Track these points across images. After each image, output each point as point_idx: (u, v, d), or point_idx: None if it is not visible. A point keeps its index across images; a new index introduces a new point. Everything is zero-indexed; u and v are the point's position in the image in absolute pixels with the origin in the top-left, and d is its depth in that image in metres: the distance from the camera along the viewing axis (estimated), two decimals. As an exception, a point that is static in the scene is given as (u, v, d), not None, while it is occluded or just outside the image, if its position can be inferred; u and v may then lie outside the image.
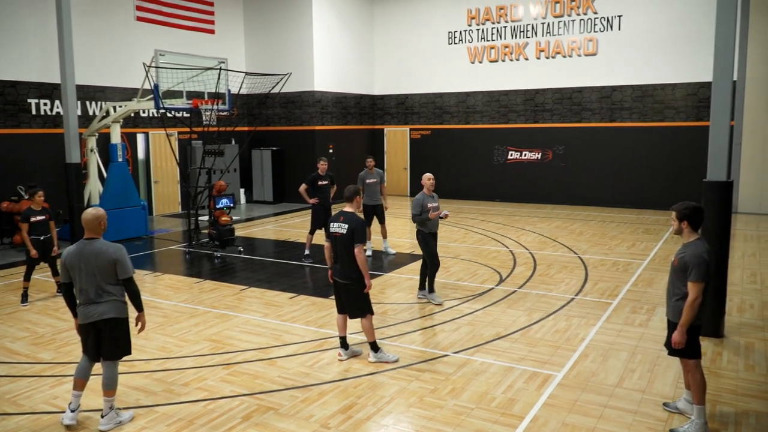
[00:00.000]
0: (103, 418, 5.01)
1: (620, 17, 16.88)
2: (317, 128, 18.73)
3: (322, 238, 11.65)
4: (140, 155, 16.42)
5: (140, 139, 16.38)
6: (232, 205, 11.80)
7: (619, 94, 17.14)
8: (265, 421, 5.12)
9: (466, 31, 19.16)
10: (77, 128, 12.42)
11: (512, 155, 18.81)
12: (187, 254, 11.87)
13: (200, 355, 6.62)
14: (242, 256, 11.58)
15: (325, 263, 10.87)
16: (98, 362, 5.11)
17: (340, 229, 6.16)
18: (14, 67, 13.29)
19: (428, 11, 19.69)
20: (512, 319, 7.66)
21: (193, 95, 12.46)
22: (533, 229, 13.99)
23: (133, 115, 15.64)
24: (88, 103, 14.94)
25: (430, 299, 8.38)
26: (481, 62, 19.05)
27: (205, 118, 12.08)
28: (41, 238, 8.61)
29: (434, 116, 20.09)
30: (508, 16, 18.48)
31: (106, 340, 4.99)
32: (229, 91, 12.88)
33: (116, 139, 13.17)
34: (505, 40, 18.59)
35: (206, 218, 13.25)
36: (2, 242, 12.59)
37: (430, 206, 8.14)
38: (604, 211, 16.71)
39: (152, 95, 11.85)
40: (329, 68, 18.97)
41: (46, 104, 13.94)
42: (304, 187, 10.80)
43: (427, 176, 8.48)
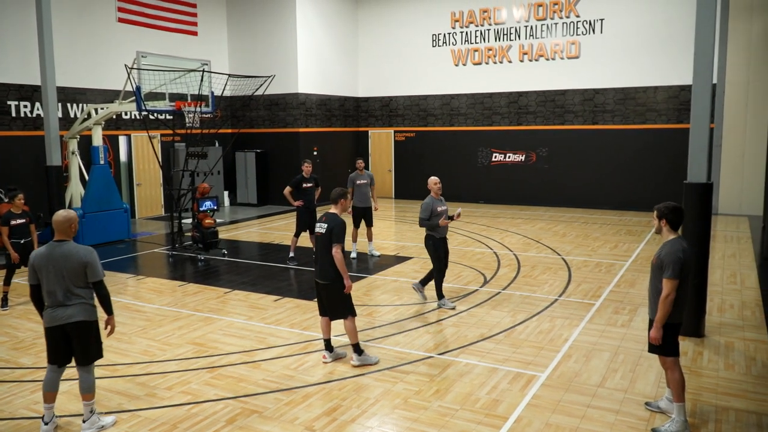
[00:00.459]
0: (84, 422, 4.95)
1: (602, 21, 17.06)
2: (301, 130, 18.69)
3: (307, 240, 11.64)
4: (122, 158, 16.27)
5: (122, 141, 16.23)
6: (215, 207, 11.73)
7: (601, 96, 17.31)
8: (249, 424, 5.09)
9: (450, 33, 19.25)
10: (58, 130, 12.28)
11: (496, 157, 18.91)
12: (170, 257, 11.78)
13: (184, 358, 6.57)
14: (226, 258, 11.52)
15: (310, 266, 10.88)
16: (67, 365, 5.01)
17: (320, 229, 6.16)
18: (-7, 68, 13.13)
19: (412, 14, 19.75)
20: (496, 320, 7.70)
21: (175, 97, 12.38)
22: (517, 230, 14.07)
23: (115, 117, 15.51)
24: (69, 105, 14.78)
25: (440, 305, 8.19)
26: (465, 65, 19.14)
27: (188, 120, 12.00)
28: (21, 241, 8.51)
29: (418, 118, 20.14)
30: (491, 18, 18.59)
31: (75, 344, 4.90)
32: (212, 93, 12.81)
33: (98, 141, 13.04)
34: (488, 42, 18.69)
35: (189, 221, 13.16)
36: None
37: (439, 210, 8.05)
38: (587, 212, 16.85)
39: (134, 97, 11.76)
40: (313, 70, 18.95)
41: (26, 106, 13.77)
42: (288, 189, 10.77)
43: (433, 180, 8.31)
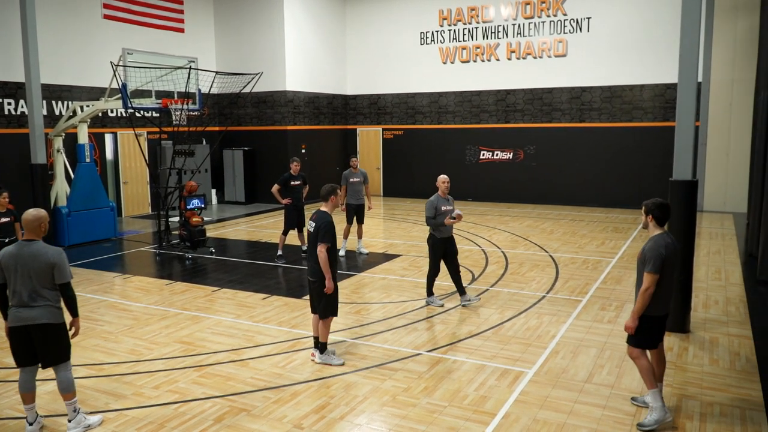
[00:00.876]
0: (70, 422, 4.91)
1: (589, 19, 17.14)
2: (289, 128, 18.64)
3: (295, 238, 11.63)
4: (108, 156, 16.14)
5: (108, 139, 16.10)
6: (203, 205, 11.67)
7: (588, 94, 17.41)
8: (237, 422, 5.08)
9: (438, 31, 19.26)
10: (43, 128, 12.16)
11: (484, 155, 18.96)
12: (157, 256, 11.71)
13: (171, 357, 6.54)
14: (214, 257, 11.47)
15: (297, 264, 10.87)
16: (33, 366, 4.92)
17: (310, 227, 6.20)
18: (-24, 65, 12.97)
19: (400, 11, 19.74)
20: (484, 317, 7.73)
21: (162, 95, 12.29)
22: (505, 228, 14.13)
23: (100, 114, 15.37)
24: (54, 102, 14.63)
25: (428, 302, 8.19)
26: (453, 63, 19.16)
27: (174, 117, 11.93)
28: (6, 240, 8.41)
29: (407, 116, 20.15)
30: (479, 17, 18.63)
31: (39, 346, 4.80)
32: (199, 90, 12.73)
33: (83, 139, 12.93)
34: (476, 40, 18.73)
35: (177, 219, 13.08)
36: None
37: (444, 209, 7.87)
38: (574, 210, 16.95)
39: (120, 95, 11.66)
40: (301, 68, 18.89)
41: (10, 104, 13.62)
42: (276, 187, 10.75)
43: (441, 178, 8.07)
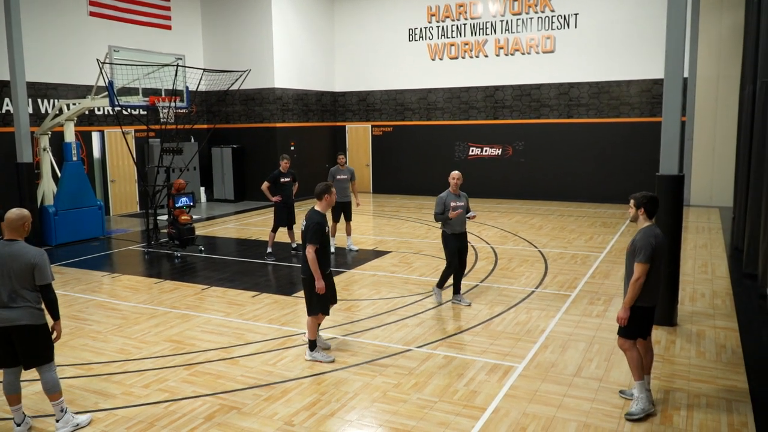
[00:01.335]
0: (58, 422, 4.88)
1: (576, 15, 17.22)
2: (278, 125, 18.59)
3: (284, 236, 11.61)
4: (96, 154, 16.01)
5: (95, 137, 15.98)
6: (191, 203, 11.62)
7: (576, 90, 17.49)
8: (227, 420, 5.08)
9: (426, 28, 19.27)
10: (28, 127, 12.04)
11: (473, 151, 19.01)
12: (146, 254, 11.65)
13: (161, 356, 6.52)
14: (203, 255, 11.43)
15: (287, 261, 10.85)
16: (14, 367, 4.86)
17: (303, 226, 6.21)
18: (-40, 63, 12.81)
19: (389, 8, 19.72)
20: (474, 312, 7.76)
21: (149, 92, 12.22)
22: (494, 223, 14.18)
23: (87, 112, 15.26)
24: (39, 100, 14.49)
25: (433, 292, 8.22)
26: (441, 59, 19.18)
27: (162, 115, 11.86)
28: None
29: (396, 113, 20.15)
30: (467, 13, 18.65)
31: (19, 348, 4.74)
32: (187, 88, 12.67)
33: (70, 137, 12.83)
34: (464, 37, 18.76)
35: (165, 217, 13.02)
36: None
37: (454, 205, 7.79)
38: (563, 205, 17.04)
39: (107, 92, 11.58)
40: (289, 65, 18.83)
41: (-5, 102, 13.48)
42: (266, 184, 10.73)
43: (453, 174, 7.99)
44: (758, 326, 7.21)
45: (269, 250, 11.06)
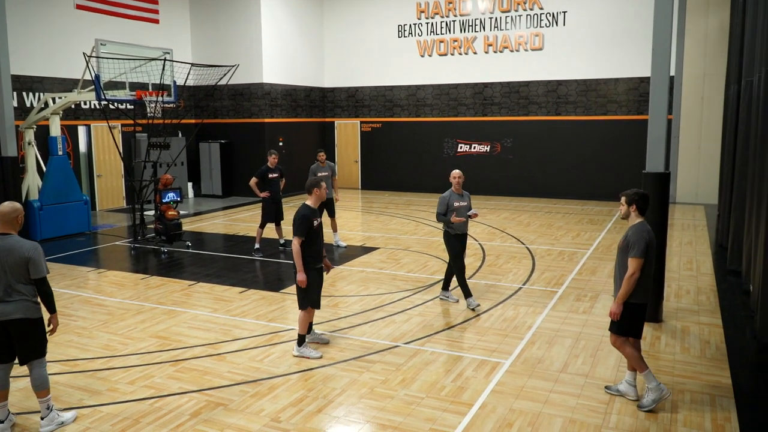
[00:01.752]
0: (42, 420, 4.84)
1: (565, 13, 17.28)
2: (267, 121, 18.51)
3: (272, 231, 11.57)
4: (82, 148, 15.87)
5: (81, 131, 15.83)
6: (179, 199, 11.55)
7: (564, 88, 17.56)
8: (214, 417, 5.06)
9: (415, 24, 19.25)
10: (13, 120, 11.88)
11: (462, 148, 19.04)
12: (132, 250, 11.57)
13: (146, 352, 6.48)
14: (190, 251, 11.37)
15: (275, 257, 10.83)
16: (12, 362, 4.85)
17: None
18: (-57, 55, 12.61)
19: (378, 4, 19.67)
20: (461, 308, 7.78)
21: (136, 86, 12.13)
22: (482, 220, 14.21)
23: (73, 106, 15.12)
24: (24, 94, 14.33)
25: (467, 304, 7.79)
26: (430, 56, 19.18)
27: (149, 110, 11.78)
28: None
29: (385, 109, 20.13)
30: (456, 10, 18.66)
31: (17, 342, 4.74)
32: (174, 82, 12.57)
33: (56, 131, 12.69)
34: (454, 34, 18.76)
35: (152, 213, 12.93)
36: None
37: (457, 205, 7.60)
38: (550, 202, 17.12)
39: (93, 86, 11.47)
40: (278, 60, 18.75)
41: (-22, 95, 13.30)
42: (254, 180, 10.70)
43: (454, 173, 7.75)
44: (742, 322, 7.29)
45: (257, 246, 11.02)
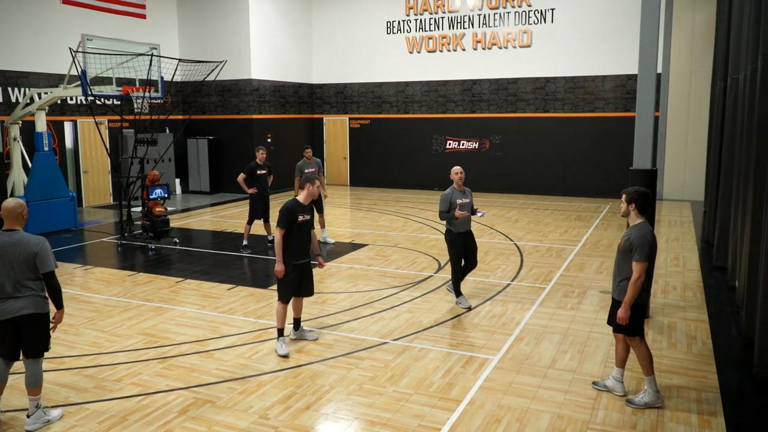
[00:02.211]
0: (29, 417, 4.80)
1: (553, 10, 17.32)
2: (255, 117, 18.42)
3: (260, 228, 11.53)
4: (68, 144, 15.72)
5: (68, 127, 15.68)
6: (166, 195, 11.47)
7: (552, 85, 17.62)
8: (201, 414, 5.04)
9: (404, 21, 19.23)
10: (-2, 116, 11.78)
11: (450, 145, 19.06)
12: (119, 246, 11.49)
13: (134, 349, 6.44)
14: (178, 247, 11.30)
15: (263, 254, 10.79)
16: (16, 361, 4.85)
17: None
18: (-74, 49, 12.46)
19: (366, 0, 19.63)
20: (450, 305, 7.80)
21: (123, 82, 12.00)
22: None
23: (59, 102, 14.97)
24: (10, 89, 14.16)
25: (457, 303, 7.73)
26: (419, 52, 19.17)
27: (136, 105, 11.68)
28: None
29: (373, 106, 20.10)
30: (445, 7, 18.65)
31: (26, 337, 4.73)
32: (161, 78, 12.47)
33: (41, 127, 12.56)
34: (442, 30, 18.76)
35: (139, 209, 12.84)
36: None
37: (459, 202, 7.50)
38: (539, 199, 17.19)
39: (80, 82, 11.36)
40: (266, 56, 18.66)
41: (-38, 90, 13.15)
42: (242, 176, 10.66)
43: (455, 170, 7.67)
44: (728, 318, 7.36)
45: (245, 242, 10.98)
